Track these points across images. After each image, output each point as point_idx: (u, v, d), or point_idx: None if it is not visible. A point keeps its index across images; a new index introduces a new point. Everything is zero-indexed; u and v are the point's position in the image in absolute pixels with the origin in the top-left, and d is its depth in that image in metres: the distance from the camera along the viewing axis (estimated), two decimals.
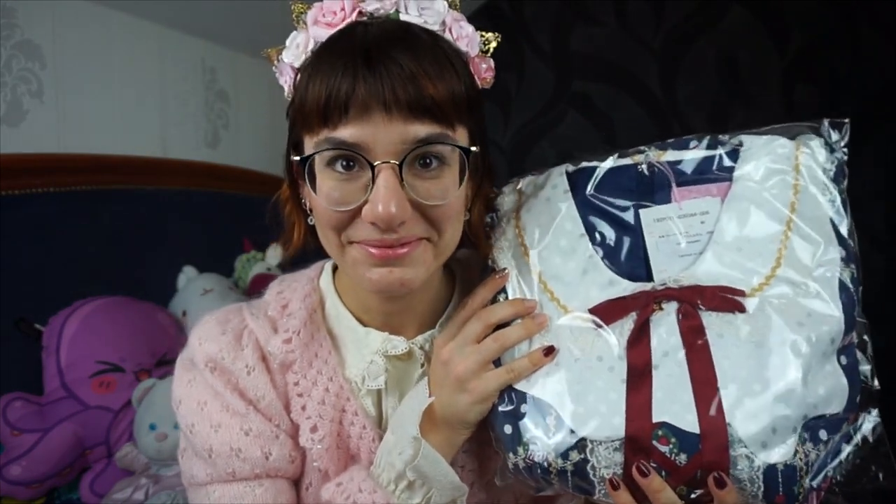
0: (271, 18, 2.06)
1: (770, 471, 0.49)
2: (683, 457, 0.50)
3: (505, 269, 0.61)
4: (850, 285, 0.55)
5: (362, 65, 0.50)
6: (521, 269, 0.61)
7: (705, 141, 0.61)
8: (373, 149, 0.51)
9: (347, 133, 0.51)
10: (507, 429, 0.57)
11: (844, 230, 0.56)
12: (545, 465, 0.54)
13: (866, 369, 0.56)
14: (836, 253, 0.55)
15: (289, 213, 0.67)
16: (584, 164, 0.63)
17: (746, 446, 0.49)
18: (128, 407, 1.33)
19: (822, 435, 0.51)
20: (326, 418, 0.62)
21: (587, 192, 0.61)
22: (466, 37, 0.57)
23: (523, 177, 0.68)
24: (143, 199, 1.66)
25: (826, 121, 0.60)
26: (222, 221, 1.94)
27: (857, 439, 0.54)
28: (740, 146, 0.59)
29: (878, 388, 0.55)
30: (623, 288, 0.57)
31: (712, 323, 0.53)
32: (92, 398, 1.30)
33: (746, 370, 0.51)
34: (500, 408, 0.58)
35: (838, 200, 0.57)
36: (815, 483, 0.51)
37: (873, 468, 0.54)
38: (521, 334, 0.58)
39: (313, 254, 0.68)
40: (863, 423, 0.54)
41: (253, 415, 0.61)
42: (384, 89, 0.50)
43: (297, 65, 0.56)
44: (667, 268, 0.57)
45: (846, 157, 0.59)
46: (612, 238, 0.59)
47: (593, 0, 2.94)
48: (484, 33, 0.59)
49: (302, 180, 0.59)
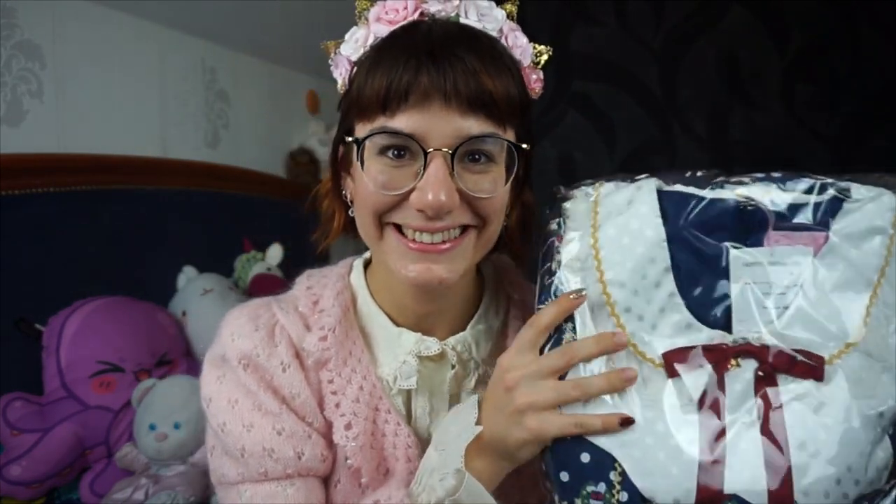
0: (271, 18, 2.07)
1: None
2: None
3: (583, 291, 0.54)
4: None
5: (426, 58, 0.53)
6: (593, 295, 0.55)
7: (811, 183, 0.54)
8: (427, 138, 0.53)
9: (404, 121, 0.53)
10: (564, 476, 0.53)
11: None
12: None
13: None
14: None
15: (328, 205, 0.67)
16: (678, 186, 0.56)
17: None
18: (128, 407, 1.33)
19: None
20: (361, 416, 0.61)
21: (681, 223, 0.54)
22: (520, 47, 0.60)
23: (596, 182, 0.59)
24: (143, 199, 1.66)
25: None
26: (222, 221, 1.94)
27: None
28: (846, 196, 0.53)
29: None
30: (701, 335, 0.52)
31: (788, 388, 0.51)
32: (92, 398, 1.30)
33: (816, 443, 0.49)
34: (557, 449, 0.53)
35: None
36: None
37: None
38: (605, 388, 0.52)
39: (311, 259, 0.67)
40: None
41: (286, 414, 0.61)
42: (446, 81, 0.52)
43: (354, 58, 0.59)
44: (748, 319, 0.52)
45: None
46: (696, 276, 0.54)
47: (593, 0, 2.94)
48: (536, 45, 0.62)
49: (345, 171, 0.62)
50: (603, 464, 0.51)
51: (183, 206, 1.79)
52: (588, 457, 0.52)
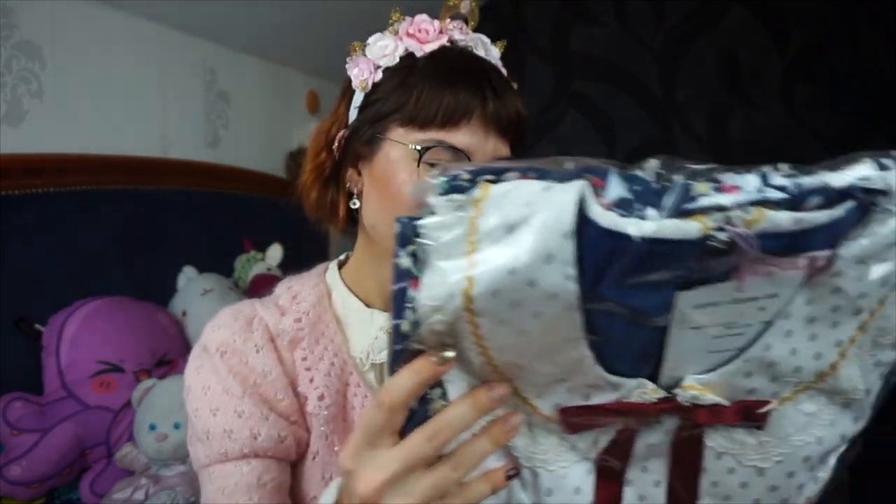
0: (271, 18, 2.07)
1: None
2: None
3: (450, 355, 0.39)
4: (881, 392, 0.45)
5: (488, 87, 0.61)
6: (467, 350, 0.39)
7: (827, 193, 0.34)
8: (474, 155, 0.61)
9: (461, 138, 0.61)
10: None
11: None
12: None
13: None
14: (890, 357, 0.43)
15: (320, 196, 0.71)
16: (612, 218, 0.33)
17: None
18: (128, 407, 1.33)
19: None
20: (332, 388, 0.66)
21: (606, 279, 0.35)
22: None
23: (477, 175, 0.36)
24: (143, 199, 1.66)
25: None
26: (222, 221, 1.94)
27: None
28: (874, 205, 0.36)
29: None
30: (615, 393, 0.41)
31: (714, 438, 0.42)
32: (92, 398, 1.30)
33: (737, 497, 0.43)
34: None
35: None
36: None
37: None
38: (489, 448, 0.41)
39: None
40: None
41: (248, 398, 0.64)
42: (503, 111, 0.61)
43: (381, 63, 0.65)
44: (681, 365, 0.40)
45: None
46: (623, 331, 0.38)
47: (593, 0, 2.94)
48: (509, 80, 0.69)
49: (352, 166, 0.67)
50: None
51: (183, 206, 1.79)
52: None
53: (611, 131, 2.98)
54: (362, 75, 0.65)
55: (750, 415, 0.41)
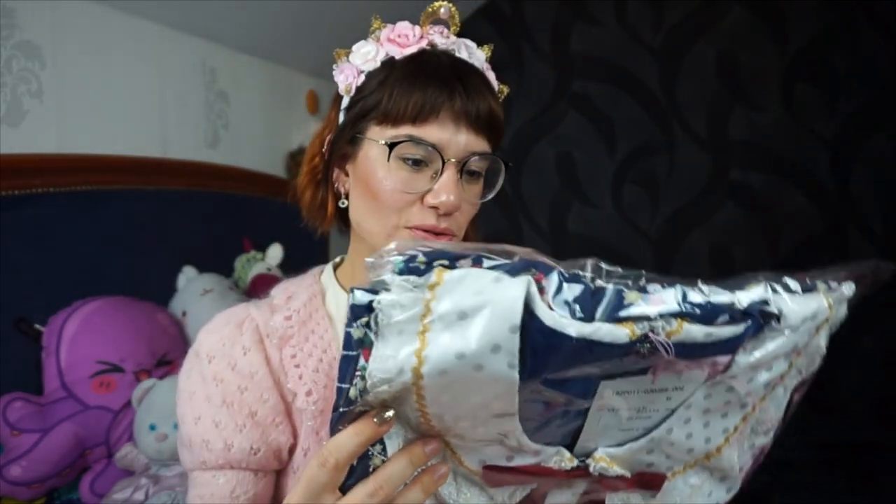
0: (271, 18, 2.07)
1: None
2: None
3: (390, 415, 0.43)
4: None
5: (458, 83, 0.63)
6: (407, 410, 0.43)
7: (734, 311, 0.41)
8: (445, 149, 0.63)
9: (430, 133, 0.62)
10: None
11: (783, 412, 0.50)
12: None
13: None
14: (766, 440, 0.51)
15: (311, 195, 0.74)
16: (556, 317, 0.38)
17: None
18: (128, 407, 1.33)
19: None
20: (320, 384, 0.67)
21: (546, 371, 0.40)
22: (493, 82, 0.70)
23: (434, 259, 0.39)
24: (143, 199, 1.66)
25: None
26: (222, 221, 1.94)
27: None
28: (773, 322, 0.43)
29: None
30: (536, 457, 0.46)
31: (614, 500, 0.50)
32: (92, 398, 1.30)
33: None
34: None
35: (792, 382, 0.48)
36: None
37: None
38: (421, 498, 0.45)
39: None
40: None
41: (226, 408, 0.66)
42: (472, 106, 0.63)
43: (363, 68, 0.67)
44: (595, 440, 0.46)
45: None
46: (553, 410, 0.44)
47: (593, 0, 2.94)
48: (500, 83, 0.72)
49: (339, 167, 0.70)
50: None
51: (183, 206, 1.79)
52: None
53: (611, 131, 2.98)
54: (347, 80, 0.68)
55: (646, 484, 0.49)
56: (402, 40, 0.66)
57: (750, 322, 0.42)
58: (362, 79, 0.67)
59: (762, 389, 0.46)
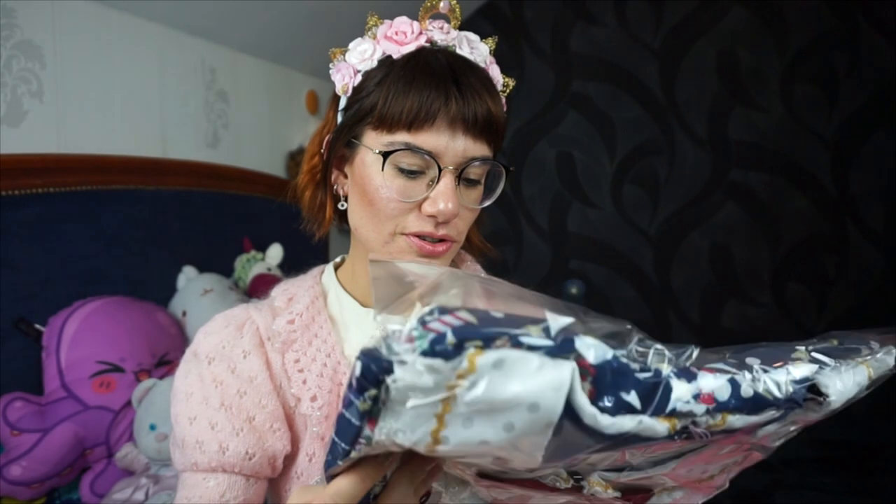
0: (271, 18, 2.07)
1: None
2: None
3: (394, 453, 0.42)
4: None
5: (453, 86, 0.61)
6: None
7: (790, 393, 0.41)
8: (442, 155, 0.61)
9: (426, 140, 0.61)
10: None
11: None
12: None
13: None
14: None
15: (311, 196, 0.73)
16: (600, 412, 0.35)
17: None
18: (128, 407, 1.33)
19: None
20: (325, 389, 0.66)
21: (582, 455, 0.39)
22: (496, 79, 0.68)
23: (466, 337, 0.33)
24: (143, 199, 1.66)
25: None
26: (222, 221, 1.94)
27: None
28: (820, 402, 0.43)
29: None
30: (528, 471, 0.46)
31: None
32: (92, 398, 1.30)
33: None
34: None
35: None
36: None
37: None
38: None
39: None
40: None
41: (223, 410, 0.65)
42: (468, 110, 0.61)
43: (360, 68, 0.65)
44: (596, 466, 0.46)
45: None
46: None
47: (593, 0, 2.94)
48: (505, 76, 0.69)
49: (338, 169, 0.69)
50: None
51: (183, 206, 1.79)
52: None
53: (611, 131, 2.98)
54: (343, 80, 0.66)
55: (632, 499, 0.49)
56: (400, 37, 0.64)
57: (792, 405, 0.42)
58: (359, 78, 0.65)
59: (774, 436, 0.46)
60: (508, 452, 0.36)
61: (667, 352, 0.39)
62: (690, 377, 0.38)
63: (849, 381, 0.43)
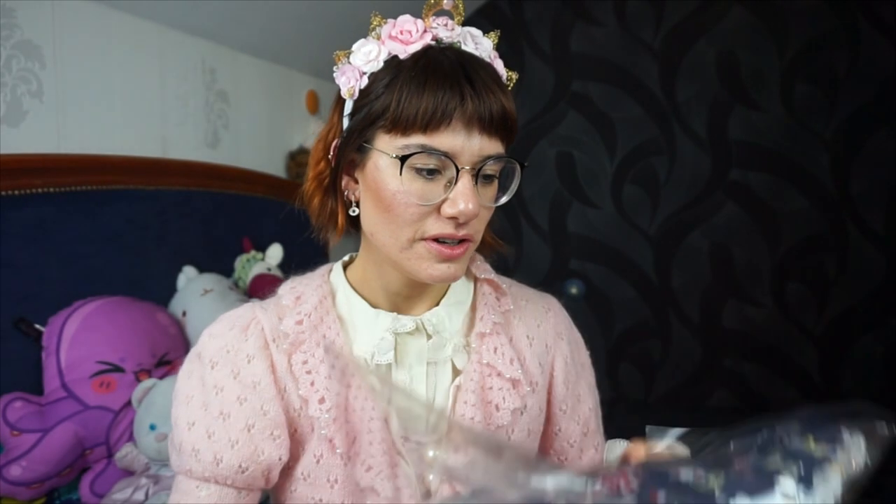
0: (271, 18, 2.07)
1: None
2: None
3: None
4: None
5: (467, 84, 0.60)
6: None
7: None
8: (459, 156, 0.61)
9: (443, 141, 0.60)
10: None
11: None
12: None
13: None
14: None
15: (320, 203, 0.71)
16: None
17: None
18: (128, 407, 1.33)
19: None
20: (333, 391, 0.66)
21: None
22: (501, 73, 0.67)
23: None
24: (143, 199, 1.66)
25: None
26: (222, 221, 1.94)
27: None
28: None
29: None
30: None
31: None
32: (92, 398, 1.30)
33: None
34: None
35: None
36: None
37: None
38: None
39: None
40: None
41: (221, 420, 0.65)
42: (484, 108, 0.60)
43: (365, 69, 0.64)
44: None
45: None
46: None
47: (593, 0, 2.94)
48: (509, 70, 0.68)
49: (348, 174, 0.67)
50: None
51: (183, 206, 1.79)
52: None
53: (611, 131, 2.98)
54: (349, 83, 0.65)
55: None
56: (405, 37, 0.63)
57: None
58: (365, 81, 0.63)
59: None
60: None
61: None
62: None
63: (826, 493, 0.45)
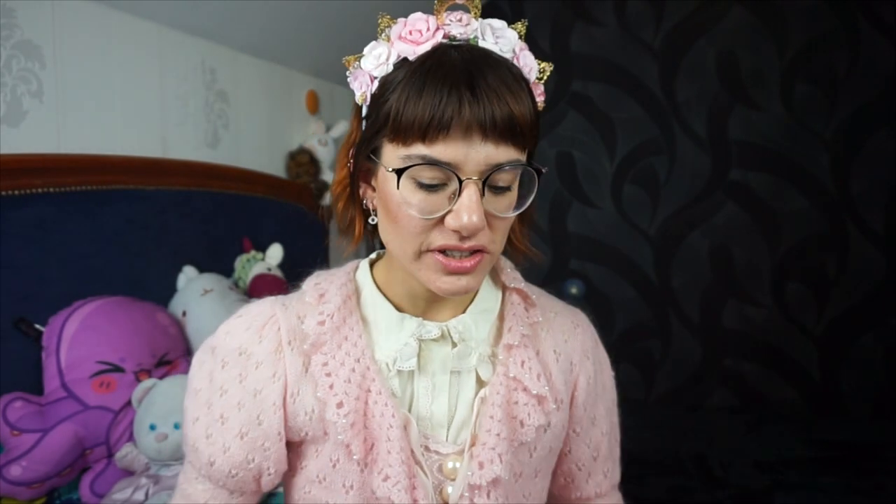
0: (271, 18, 2.07)
1: None
2: None
3: None
4: None
5: (465, 89, 0.56)
6: None
7: None
8: (462, 166, 0.57)
9: (442, 151, 0.56)
10: None
11: None
12: None
13: None
14: None
15: (343, 210, 0.71)
16: None
17: None
18: (128, 407, 1.33)
19: None
20: (352, 396, 0.64)
21: None
22: (528, 66, 0.62)
23: None
24: (143, 199, 1.66)
25: None
26: (222, 221, 1.94)
27: None
28: None
29: None
30: None
31: None
32: (92, 398, 1.30)
33: None
34: None
35: None
36: None
37: None
38: None
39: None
40: None
41: (219, 423, 0.66)
42: (485, 114, 0.55)
43: (376, 74, 0.61)
44: None
45: None
46: None
47: (593, 0, 2.94)
48: (540, 62, 0.64)
49: (364, 182, 0.66)
50: None
51: (183, 206, 1.79)
52: None
53: (611, 131, 2.98)
54: (361, 88, 0.63)
55: None
56: (415, 36, 0.59)
57: None
58: (376, 85, 0.61)
59: None
60: None
61: None
62: None
63: None
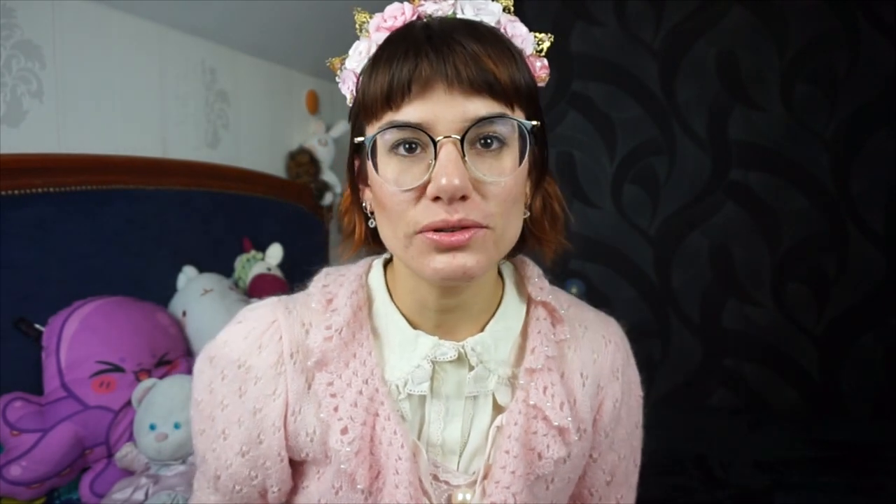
0: (271, 18, 2.07)
1: None
2: None
3: None
4: None
5: (426, 46, 0.52)
6: None
7: None
8: (434, 126, 0.52)
9: (410, 113, 0.52)
10: None
11: None
12: None
13: None
14: None
15: (349, 220, 0.67)
16: None
17: None
18: (128, 407, 1.33)
19: None
20: (358, 421, 0.59)
21: None
22: (520, 35, 0.59)
23: None
24: (143, 199, 1.66)
25: None
26: (222, 221, 1.94)
27: None
28: None
29: None
30: None
31: None
32: (92, 398, 1.30)
33: None
34: None
35: None
36: None
37: None
38: None
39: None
40: None
41: (221, 439, 0.64)
42: (446, 66, 0.51)
43: (359, 70, 0.59)
44: None
45: None
46: None
47: (593, 0, 2.94)
48: (537, 34, 0.60)
49: (363, 184, 0.62)
50: None
51: (183, 206, 1.79)
52: None
53: (611, 131, 2.98)
54: (349, 88, 0.61)
55: None
56: (391, 23, 0.57)
57: None
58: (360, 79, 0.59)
59: None
60: None
61: None
62: None
63: None
